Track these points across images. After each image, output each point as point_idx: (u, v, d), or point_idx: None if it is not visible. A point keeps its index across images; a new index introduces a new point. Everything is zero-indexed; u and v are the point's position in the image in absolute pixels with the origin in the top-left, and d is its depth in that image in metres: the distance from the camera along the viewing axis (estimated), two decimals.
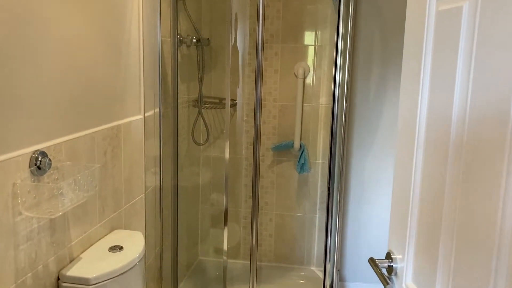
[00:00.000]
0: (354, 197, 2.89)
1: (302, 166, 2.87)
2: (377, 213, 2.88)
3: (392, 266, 1.01)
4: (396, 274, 1.00)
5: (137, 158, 2.07)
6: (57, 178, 1.45)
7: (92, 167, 1.56)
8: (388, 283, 0.93)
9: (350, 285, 2.98)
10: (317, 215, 3.00)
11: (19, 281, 1.32)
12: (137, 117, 2.06)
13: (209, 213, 3.11)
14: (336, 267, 2.73)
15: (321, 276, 2.96)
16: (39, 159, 1.35)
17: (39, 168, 1.35)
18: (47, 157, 1.38)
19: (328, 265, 2.63)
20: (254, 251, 2.21)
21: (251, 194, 3.05)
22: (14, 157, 1.27)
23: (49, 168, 1.39)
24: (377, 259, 1.03)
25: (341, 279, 2.99)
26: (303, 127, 2.88)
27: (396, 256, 1.01)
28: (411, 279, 0.94)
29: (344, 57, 2.47)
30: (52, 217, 1.37)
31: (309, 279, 2.96)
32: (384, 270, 1.03)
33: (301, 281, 2.96)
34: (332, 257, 2.66)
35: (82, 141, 1.60)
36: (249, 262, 3.02)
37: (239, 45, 2.89)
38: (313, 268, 3.05)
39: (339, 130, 2.51)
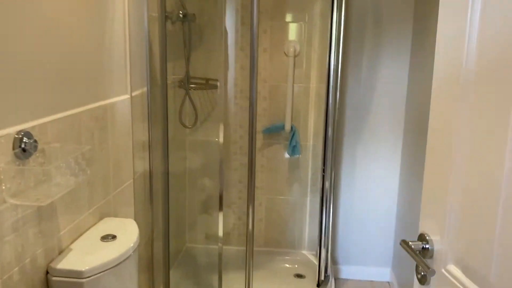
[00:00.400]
0: (346, 179, 2.83)
1: (294, 148, 2.78)
2: (369, 195, 2.83)
3: (427, 248, 0.93)
4: (432, 257, 0.93)
5: (125, 141, 1.93)
6: (44, 162, 1.30)
7: (81, 150, 1.42)
8: (429, 268, 0.85)
9: (343, 268, 2.94)
10: (308, 198, 2.93)
11: (5, 277, 1.18)
12: (123, 96, 1.91)
13: (201, 199, 2.99)
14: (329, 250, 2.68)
15: (313, 259, 2.90)
16: (24, 140, 1.20)
17: (24, 150, 1.20)
18: (32, 138, 1.23)
19: (323, 249, 2.57)
20: (250, 237, 2.11)
21: (240, 179, 2.95)
22: None
23: (35, 150, 1.25)
24: (410, 241, 0.95)
25: (334, 262, 2.94)
26: (293, 108, 2.78)
27: (432, 237, 0.93)
28: (454, 262, 0.86)
29: (338, 35, 2.38)
30: (42, 204, 1.24)
31: (302, 263, 2.90)
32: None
33: (292, 266, 2.90)
34: (326, 240, 2.60)
35: (69, 122, 1.46)
36: (239, 248, 2.94)
37: (227, 22, 2.75)
38: (304, 252, 2.99)
39: (332, 110, 2.43)
